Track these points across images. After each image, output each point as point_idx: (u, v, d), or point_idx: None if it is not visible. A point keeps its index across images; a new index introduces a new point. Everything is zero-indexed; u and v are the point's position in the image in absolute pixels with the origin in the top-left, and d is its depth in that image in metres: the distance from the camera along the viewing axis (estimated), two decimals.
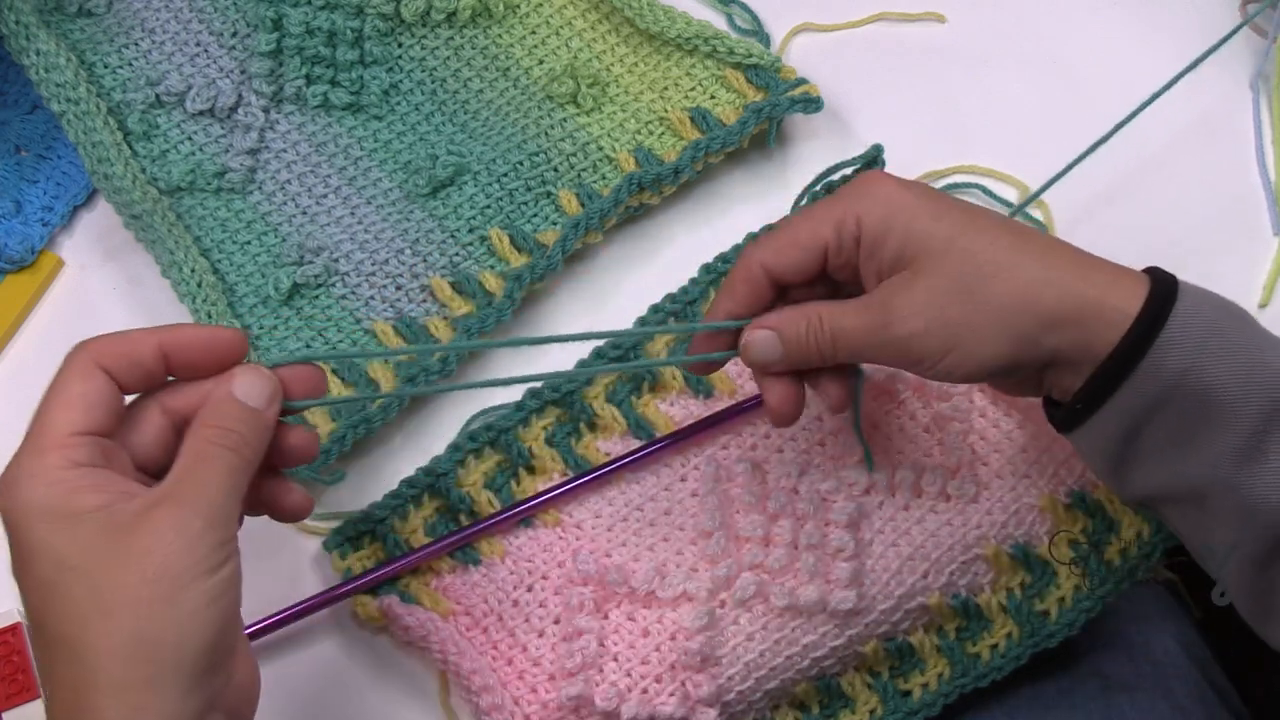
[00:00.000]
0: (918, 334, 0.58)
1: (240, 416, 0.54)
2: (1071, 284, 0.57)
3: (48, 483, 0.51)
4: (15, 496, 0.51)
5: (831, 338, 0.60)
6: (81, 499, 0.51)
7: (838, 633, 0.68)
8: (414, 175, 0.80)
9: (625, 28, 0.84)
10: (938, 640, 0.70)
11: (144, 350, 0.55)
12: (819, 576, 0.68)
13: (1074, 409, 0.59)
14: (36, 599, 0.51)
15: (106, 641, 0.49)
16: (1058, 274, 0.57)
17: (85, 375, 0.54)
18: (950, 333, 0.58)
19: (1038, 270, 0.57)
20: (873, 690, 0.70)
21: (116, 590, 0.49)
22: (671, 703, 0.67)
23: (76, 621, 0.50)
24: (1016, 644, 0.70)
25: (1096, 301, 0.57)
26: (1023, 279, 0.57)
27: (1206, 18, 0.84)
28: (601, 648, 0.68)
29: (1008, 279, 0.57)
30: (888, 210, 0.59)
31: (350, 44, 0.82)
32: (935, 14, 0.86)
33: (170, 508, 0.51)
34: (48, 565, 0.50)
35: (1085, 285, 0.57)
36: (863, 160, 0.76)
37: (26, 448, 0.53)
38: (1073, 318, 0.57)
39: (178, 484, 0.52)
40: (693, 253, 0.78)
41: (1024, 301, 0.57)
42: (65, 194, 0.82)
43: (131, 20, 0.84)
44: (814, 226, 0.60)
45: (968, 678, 0.70)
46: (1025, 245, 0.58)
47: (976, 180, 0.80)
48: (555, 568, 0.69)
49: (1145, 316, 0.56)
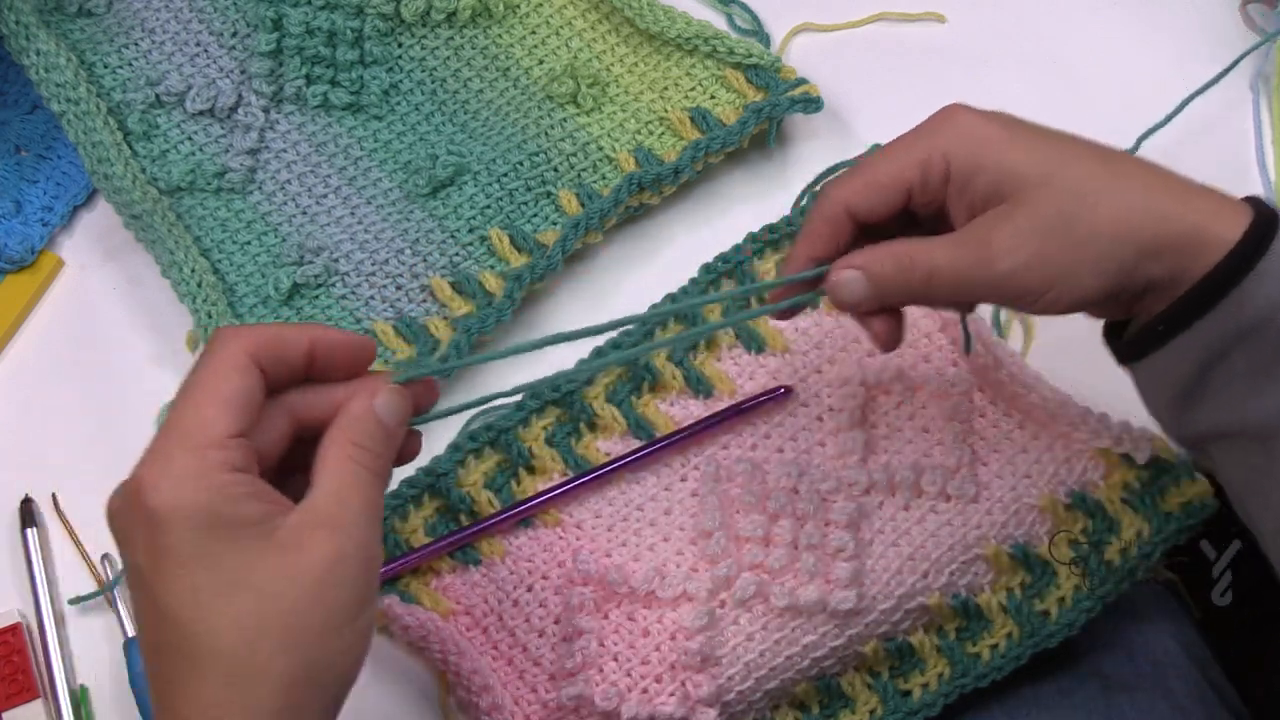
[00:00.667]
0: (1020, 269, 0.56)
1: (382, 437, 0.53)
2: (1173, 210, 0.56)
3: (208, 487, 0.48)
4: (169, 496, 0.48)
5: (926, 275, 0.57)
6: (243, 508, 0.49)
7: (838, 633, 0.68)
8: (414, 175, 0.80)
9: (625, 28, 0.84)
10: (938, 640, 0.70)
11: (296, 349, 0.53)
12: (819, 576, 0.68)
13: (1154, 330, 0.57)
14: (180, 606, 0.48)
15: (280, 666, 0.48)
16: (1159, 200, 0.56)
17: (241, 370, 0.51)
18: (1053, 267, 0.56)
19: (1139, 198, 0.56)
20: (873, 690, 0.70)
21: (290, 616, 0.48)
22: (671, 703, 0.67)
23: (242, 641, 0.48)
24: (1016, 644, 0.70)
25: (1199, 228, 0.55)
26: (1124, 207, 0.56)
27: (1206, 18, 0.84)
28: (601, 648, 0.68)
29: (1110, 209, 0.55)
30: (976, 145, 0.57)
31: (350, 44, 0.82)
32: (935, 14, 0.86)
33: (333, 535, 0.49)
34: (204, 575, 0.48)
35: (1187, 211, 0.56)
36: (863, 158, 0.76)
37: (178, 443, 0.49)
38: (1175, 245, 0.55)
39: (336, 507, 0.50)
40: (693, 253, 0.78)
41: (1127, 230, 0.56)
42: (65, 194, 0.83)
43: (131, 20, 0.84)
44: (897, 166, 0.58)
45: (968, 678, 0.70)
46: (1124, 171, 0.57)
47: None
48: (555, 568, 0.69)
49: (1247, 243, 0.55)
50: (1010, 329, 0.76)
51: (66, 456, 0.77)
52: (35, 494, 0.75)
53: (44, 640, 0.72)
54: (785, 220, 0.76)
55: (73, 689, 0.71)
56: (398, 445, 0.54)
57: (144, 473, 0.49)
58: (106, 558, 0.74)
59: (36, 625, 0.72)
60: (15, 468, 0.76)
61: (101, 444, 0.77)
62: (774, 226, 0.76)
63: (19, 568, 0.74)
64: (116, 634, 0.72)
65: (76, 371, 0.79)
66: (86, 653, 0.73)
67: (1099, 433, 0.69)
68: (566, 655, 0.67)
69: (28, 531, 0.74)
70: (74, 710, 0.70)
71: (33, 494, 0.75)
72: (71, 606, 0.73)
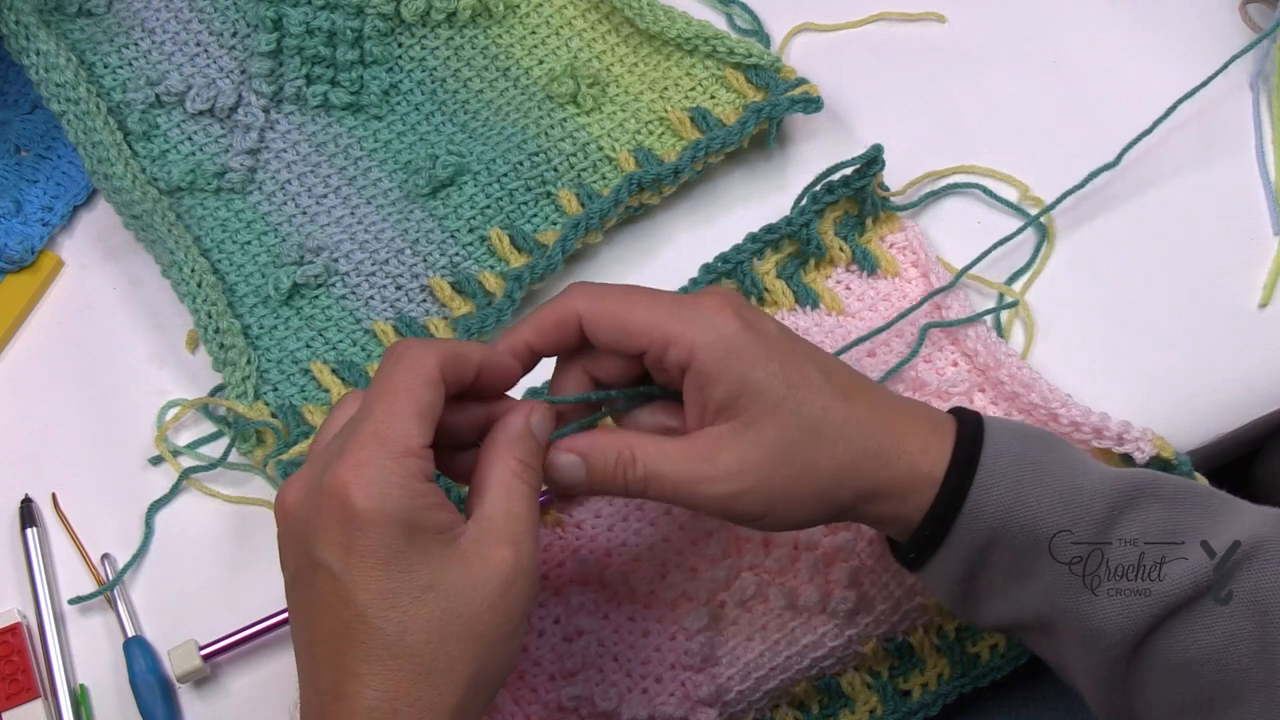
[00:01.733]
0: (739, 494, 0.57)
1: (535, 451, 0.57)
2: (890, 450, 0.58)
3: (409, 494, 0.52)
4: (374, 500, 0.51)
5: (644, 479, 0.58)
6: (434, 517, 0.52)
7: (837, 632, 0.68)
8: (414, 175, 0.80)
9: (625, 28, 0.84)
10: (937, 640, 0.70)
11: (470, 367, 0.56)
12: (818, 576, 0.68)
13: (908, 559, 0.60)
14: (374, 605, 0.51)
15: (463, 667, 0.52)
16: (877, 442, 0.58)
17: (434, 384, 0.54)
18: (771, 497, 0.57)
19: (857, 439, 0.57)
20: (872, 690, 0.70)
21: (473, 622, 0.52)
22: (671, 702, 0.67)
23: (431, 642, 0.51)
24: (1016, 644, 0.70)
25: (912, 469, 0.58)
26: (844, 452, 0.57)
27: (1206, 17, 0.84)
28: (601, 648, 0.68)
29: (830, 453, 0.57)
30: (724, 352, 0.57)
31: (350, 44, 0.82)
32: (935, 14, 0.86)
33: (510, 549, 0.53)
34: (399, 578, 0.51)
35: (901, 451, 0.58)
36: (863, 159, 0.76)
37: (380, 450, 0.52)
38: (887, 490, 0.58)
39: (508, 521, 0.54)
40: (693, 253, 0.78)
41: (844, 476, 0.58)
42: (65, 194, 0.83)
43: (131, 20, 0.84)
44: (649, 321, 0.57)
45: (967, 678, 0.70)
46: (849, 410, 0.58)
47: (977, 180, 0.80)
48: (555, 568, 0.69)
49: (950, 477, 0.57)
50: (1011, 329, 0.76)
51: (66, 456, 0.77)
52: (35, 494, 0.75)
53: (44, 640, 0.72)
54: (785, 220, 0.76)
55: (72, 689, 0.71)
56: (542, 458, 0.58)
57: (348, 476, 0.52)
58: (106, 557, 0.74)
59: (36, 625, 0.72)
60: (15, 468, 0.76)
61: (101, 444, 0.77)
62: (773, 227, 0.76)
63: (19, 568, 0.74)
64: (116, 634, 0.72)
65: (76, 371, 0.79)
66: (86, 653, 0.72)
67: (1099, 432, 0.69)
68: (567, 655, 0.67)
69: (28, 531, 0.74)
70: (74, 710, 0.70)
71: (33, 494, 0.75)
72: (71, 606, 0.73)
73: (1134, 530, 0.57)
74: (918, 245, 0.77)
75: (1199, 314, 0.76)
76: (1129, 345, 0.76)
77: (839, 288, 0.77)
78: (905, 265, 0.77)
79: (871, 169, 0.76)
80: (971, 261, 0.76)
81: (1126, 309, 0.77)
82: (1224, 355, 0.75)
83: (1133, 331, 0.76)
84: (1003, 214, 0.79)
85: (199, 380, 0.77)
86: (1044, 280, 0.77)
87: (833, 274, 0.77)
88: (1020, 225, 0.77)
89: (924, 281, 0.76)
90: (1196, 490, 0.59)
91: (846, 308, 0.76)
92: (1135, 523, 0.57)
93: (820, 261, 0.77)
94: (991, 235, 0.77)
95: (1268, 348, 0.75)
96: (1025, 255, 0.78)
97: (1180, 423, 0.73)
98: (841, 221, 0.77)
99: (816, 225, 0.76)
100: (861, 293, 0.76)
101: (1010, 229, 0.77)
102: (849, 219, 0.77)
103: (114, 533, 0.75)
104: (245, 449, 0.74)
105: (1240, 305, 0.76)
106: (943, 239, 0.79)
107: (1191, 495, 0.59)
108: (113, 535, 0.75)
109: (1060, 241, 0.78)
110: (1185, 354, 0.75)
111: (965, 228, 0.79)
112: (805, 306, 0.76)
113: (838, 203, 0.77)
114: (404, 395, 0.53)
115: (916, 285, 0.76)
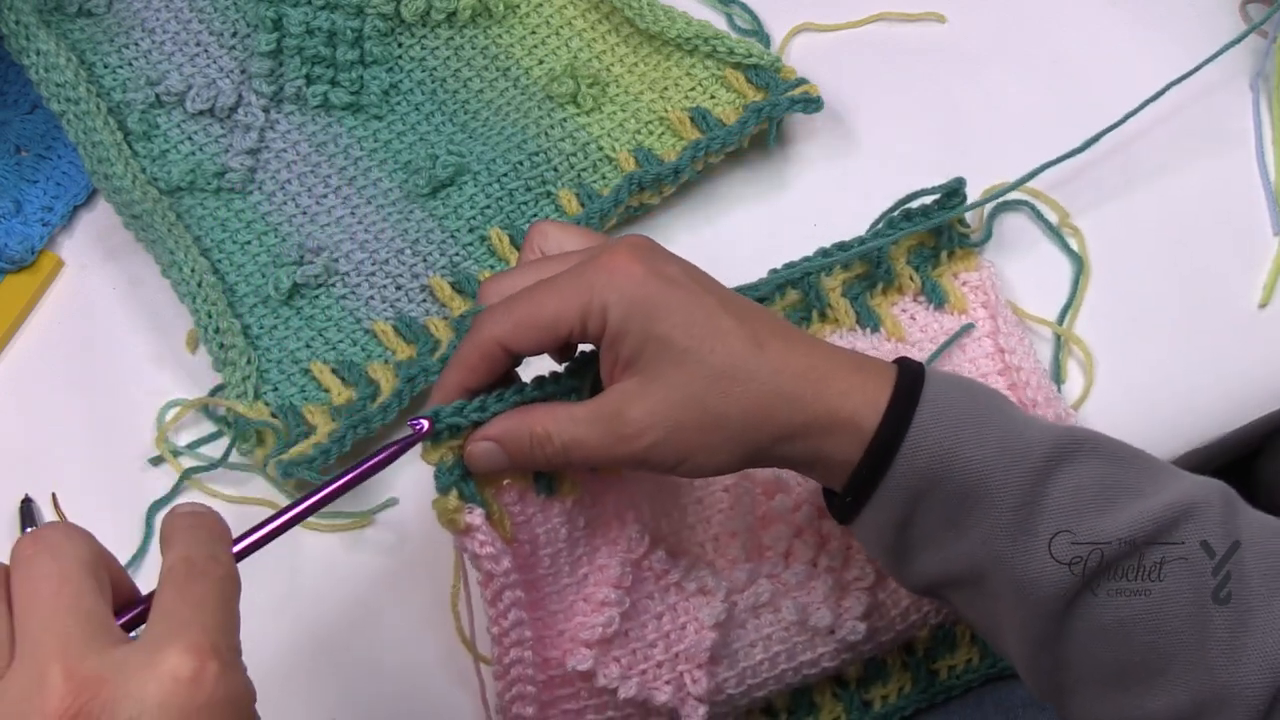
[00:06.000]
0: (656, 445, 0.57)
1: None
2: (808, 395, 0.57)
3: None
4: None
5: (562, 449, 0.59)
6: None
7: (834, 655, 0.68)
8: (414, 175, 0.80)
9: (625, 28, 0.84)
10: (906, 656, 0.71)
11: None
12: (833, 600, 0.68)
13: (845, 503, 0.59)
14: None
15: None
16: (791, 386, 0.57)
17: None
18: (684, 443, 0.58)
19: (770, 383, 0.57)
20: (839, 699, 0.71)
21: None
22: (667, 690, 0.66)
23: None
24: (973, 666, 0.72)
25: (832, 413, 0.57)
26: (754, 395, 0.57)
27: (1206, 17, 0.84)
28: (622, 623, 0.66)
29: (740, 397, 0.57)
30: (629, 306, 0.57)
31: (350, 44, 0.82)
32: (935, 14, 0.86)
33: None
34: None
35: (820, 396, 0.57)
36: (943, 190, 0.75)
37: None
38: (806, 431, 0.57)
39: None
40: (693, 253, 0.76)
41: (757, 419, 0.57)
42: (65, 194, 0.82)
43: (131, 20, 0.84)
44: (558, 309, 0.58)
45: (925, 694, 0.72)
46: (761, 356, 0.58)
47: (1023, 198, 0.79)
48: (615, 519, 0.65)
49: (885, 425, 0.57)
50: (1066, 369, 0.76)
51: (66, 456, 0.77)
52: (35, 494, 0.75)
53: None
54: (858, 240, 0.75)
55: None
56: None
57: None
58: None
59: None
60: (15, 468, 0.76)
61: (101, 444, 0.77)
62: (845, 244, 0.74)
63: None
64: None
65: (76, 371, 0.79)
66: None
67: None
68: (586, 627, 0.65)
69: (28, 531, 0.74)
70: None
71: (33, 494, 0.75)
72: None
73: (1070, 484, 0.56)
74: (990, 287, 0.75)
75: (1199, 314, 0.76)
76: (1129, 345, 0.76)
77: (903, 316, 0.75)
78: (975, 305, 0.75)
79: (951, 201, 0.75)
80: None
81: (1126, 309, 0.77)
82: (1224, 355, 0.75)
83: (1133, 331, 0.76)
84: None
85: (199, 380, 0.77)
86: (1043, 280, 0.78)
87: (899, 301, 0.75)
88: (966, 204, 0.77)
89: (990, 324, 0.75)
90: (1138, 454, 0.59)
91: (908, 336, 0.74)
92: (1072, 476, 0.57)
93: (888, 287, 0.75)
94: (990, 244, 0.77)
95: (1268, 348, 0.75)
96: (1064, 286, 0.77)
97: (1180, 423, 0.73)
98: (916, 251, 0.76)
99: (889, 251, 0.75)
100: (925, 324, 0.75)
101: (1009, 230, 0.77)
102: (924, 250, 0.76)
103: (114, 533, 0.74)
104: (245, 449, 0.74)
105: (1240, 305, 0.76)
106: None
107: (1132, 457, 0.58)
108: (113, 535, 0.74)
109: (1059, 241, 0.79)
110: (1185, 354, 0.75)
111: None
112: (865, 328, 0.74)
113: (912, 231, 0.75)
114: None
115: (983, 326, 0.75)
